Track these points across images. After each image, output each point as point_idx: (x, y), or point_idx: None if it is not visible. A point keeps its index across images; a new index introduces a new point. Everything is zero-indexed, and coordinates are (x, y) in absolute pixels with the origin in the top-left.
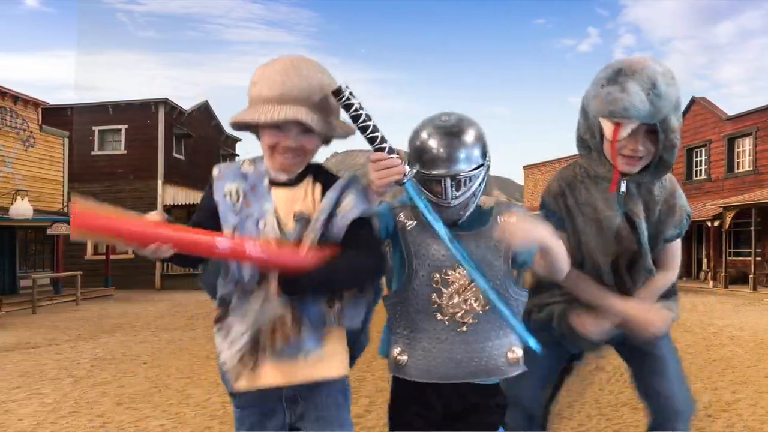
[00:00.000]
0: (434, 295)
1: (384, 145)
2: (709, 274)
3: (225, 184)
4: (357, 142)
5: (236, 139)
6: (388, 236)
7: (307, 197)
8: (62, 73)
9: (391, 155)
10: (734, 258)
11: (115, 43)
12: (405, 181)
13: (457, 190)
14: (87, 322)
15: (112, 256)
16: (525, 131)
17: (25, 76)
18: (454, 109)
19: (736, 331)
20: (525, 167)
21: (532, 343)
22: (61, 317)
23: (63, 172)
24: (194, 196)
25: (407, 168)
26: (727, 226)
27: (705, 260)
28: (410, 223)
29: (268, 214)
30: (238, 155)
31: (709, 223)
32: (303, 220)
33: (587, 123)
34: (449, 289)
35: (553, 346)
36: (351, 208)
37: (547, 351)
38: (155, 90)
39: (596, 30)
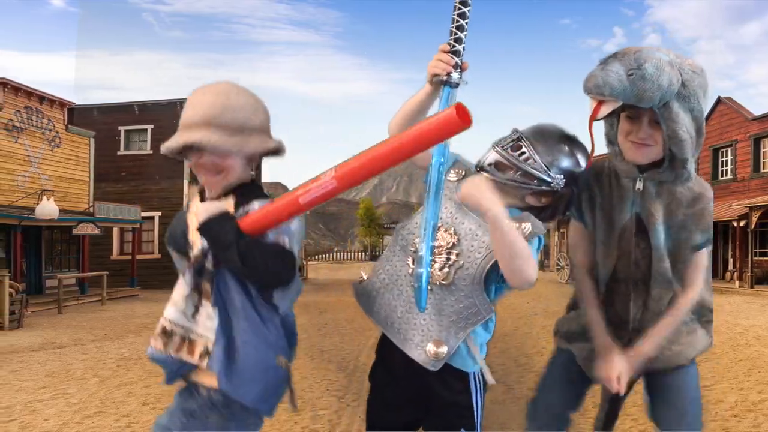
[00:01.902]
0: (418, 240)
1: (456, 47)
2: (735, 274)
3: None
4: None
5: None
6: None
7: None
8: (88, 73)
9: (454, 57)
10: (760, 258)
11: (141, 43)
12: (444, 79)
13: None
14: (113, 321)
15: (138, 256)
16: None
17: (52, 76)
18: (477, 107)
19: (763, 331)
20: None
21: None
22: (86, 317)
23: (89, 172)
24: None
25: (455, 73)
26: (753, 226)
27: (731, 260)
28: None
29: (188, 228)
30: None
31: (735, 223)
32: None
33: (607, 117)
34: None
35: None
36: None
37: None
38: (181, 90)
39: (622, 30)
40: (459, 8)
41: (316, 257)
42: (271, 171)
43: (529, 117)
